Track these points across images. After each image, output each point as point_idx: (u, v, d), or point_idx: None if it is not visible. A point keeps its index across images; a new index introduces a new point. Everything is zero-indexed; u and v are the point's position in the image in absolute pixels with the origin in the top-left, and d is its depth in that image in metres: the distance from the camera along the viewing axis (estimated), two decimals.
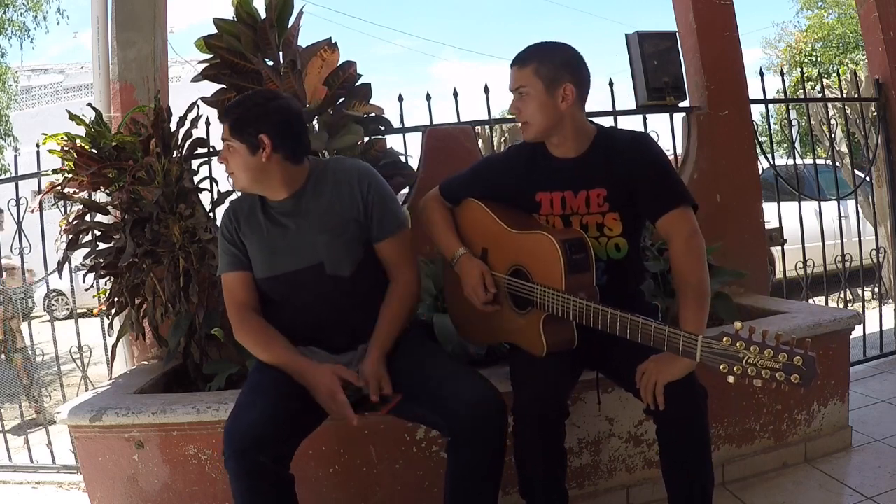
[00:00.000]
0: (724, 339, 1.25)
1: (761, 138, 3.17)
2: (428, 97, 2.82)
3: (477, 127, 2.95)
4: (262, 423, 1.46)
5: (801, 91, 3.74)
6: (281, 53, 2.39)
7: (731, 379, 1.25)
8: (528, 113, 1.66)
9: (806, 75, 4.34)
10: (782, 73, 3.27)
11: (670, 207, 1.61)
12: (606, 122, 2.83)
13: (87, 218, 2.34)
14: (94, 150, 2.28)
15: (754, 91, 3.05)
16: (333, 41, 2.42)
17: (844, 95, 3.53)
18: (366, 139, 2.52)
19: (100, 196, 2.44)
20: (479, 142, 3.06)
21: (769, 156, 3.13)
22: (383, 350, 1.64)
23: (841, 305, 3.31)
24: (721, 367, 1.26)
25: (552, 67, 1.64)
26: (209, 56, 2.37)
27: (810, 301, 3.35)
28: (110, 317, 2.39)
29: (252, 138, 1.60)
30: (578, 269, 1.54)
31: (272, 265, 1.68)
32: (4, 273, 3.53)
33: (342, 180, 1.70)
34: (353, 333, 1.71)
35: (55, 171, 2.37)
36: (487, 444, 1.51)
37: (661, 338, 1.37)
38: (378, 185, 1.72)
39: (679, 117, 2.99)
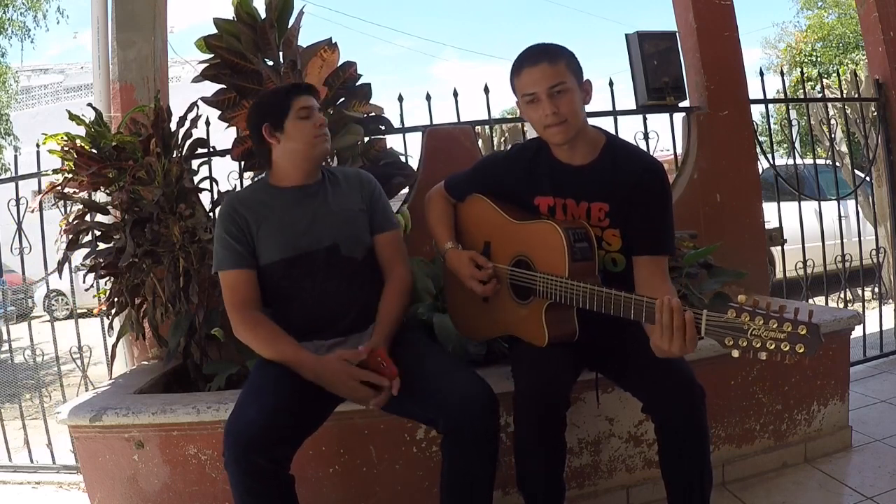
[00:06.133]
0: (729, 312, 1.24)
1: (761, 138, 3.17)
2: (428, 97, 2.82)
3: (477, 127, 2.95)
4: (260, 424, 1.46)
5: (801, 91, 3.74)
6: (281, 53, 2.38)
7: (735, 353, 1.23)
8: (568, 110, 1.56)
9: (806, 75, 4.33)
10: (782, 73, 3.27)
11: (656, 252, 1.62)
12: (606, 121, 2.85)
13: (87, 218, 2.34)
14: (94, 150, 2.28)
15: (754, 91, 3.07)
16: (333, 41, 2.42)
17: (844, 95, 3.53)
18: (366, 139, 2.52)
19: (100, 196, 2.44)
20: (479, 142, 3.06)
21: (769, 156, 3.13)
22: (384, 337, 1.68)
23: (841, 305, 3.30)
24: (726, 340, 1.24)
25: (576, 63, 1.61)
26: (209, 56, 2.37)
27: (810, 301, 3.36)
28: (110, 317, 2.39)
29: None
30: (581, 256, 1.54)
31: (290, 245, 1.72)
32: None
33: (351, 179, 1.87)
34: (360, 315, 1.74)
35: (55, 171, 2.36)
36: (479, 439, 1.51)
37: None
38: (378, 186, 1.90)
39: (679, 117, 2.99)
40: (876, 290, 4.00)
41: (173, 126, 2.37)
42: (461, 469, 1.53)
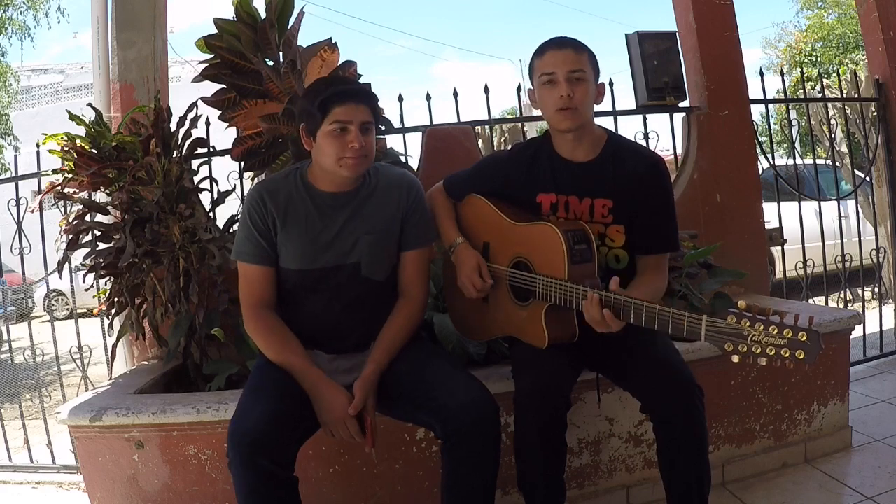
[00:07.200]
0: (729, 318, 1.24)
1: (761, 138, 3.17)
2: (428, 97, 2.82)
3: (477, 127, 2.95)
4: (263, 428, 1.44)
5: (801, 91, 3.75)
6: (281, 53, 2.39)
7: (735, 358, 1.24)
8: (580, 98, 1.58)
9: (806, 75, 4.33)
10: (782, 73, 3.27)
11: (660, 251, 1.65)
12: (606, 121, 2.85)
13: (87, 218, 2.34)
14: (94, 151, 2.28)
15: (754, 91, 3.06)
16: (334, 41, 2.42)
17: (844, 95, 3.53)
18: None
19: (100, 196, 2.44)
20: (479, 142, 3.06)
21: (769, 156, 3.13)
22: (379, 366, 1.62)
23: (841, 305, 3.30)
24: (726, 345, 1.25)
25: (596, 62, 1.65)
26: (209, 56, 2.37)
27: (810, 301, 3.36)
28: (110, 317, 2.39)
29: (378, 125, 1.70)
30: (581, 258, 1.54)
31: (311, 258, 1.64)
32: None
33: (393, 185, 1.72)
34: (365, 336, 1.70)
35: (55, 171, 2.37)
36: (479, 445, 1.49)
37: (666, 319, 1.35)
38: (422, 198, 1.77)
39: (679, 117, 2.99)
40: (876, 290, 4.00)
41: (173, 126, 2.36)
42: (459, 475, 1.51)
